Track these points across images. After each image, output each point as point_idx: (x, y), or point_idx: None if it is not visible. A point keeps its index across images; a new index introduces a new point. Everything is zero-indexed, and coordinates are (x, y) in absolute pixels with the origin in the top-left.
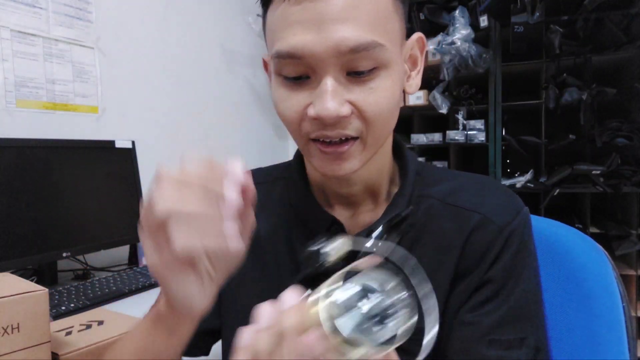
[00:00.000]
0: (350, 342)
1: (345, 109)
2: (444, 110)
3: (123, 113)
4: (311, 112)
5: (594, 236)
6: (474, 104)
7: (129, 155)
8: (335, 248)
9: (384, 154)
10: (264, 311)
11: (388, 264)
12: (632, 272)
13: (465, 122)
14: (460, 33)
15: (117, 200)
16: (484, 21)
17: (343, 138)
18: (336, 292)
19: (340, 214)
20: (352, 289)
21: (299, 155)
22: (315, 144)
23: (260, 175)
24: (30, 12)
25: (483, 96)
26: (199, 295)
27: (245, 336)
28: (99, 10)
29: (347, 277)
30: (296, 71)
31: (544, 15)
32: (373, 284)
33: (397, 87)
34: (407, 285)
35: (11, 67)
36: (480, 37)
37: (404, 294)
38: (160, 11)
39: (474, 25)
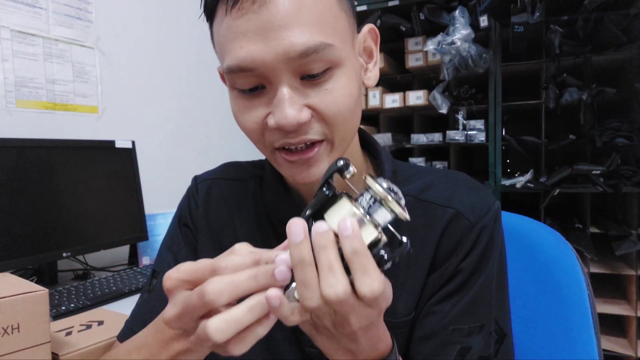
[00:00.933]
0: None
1: (305, 115)
2: (444, 110)
3: (123, 113)
4: (271, 122)
5: (594, 236)
6: (474, 104)
7: (129, 155)
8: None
9: (352, 152)
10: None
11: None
12: (632, 272)
13: (465, 122)
14: (460, 33)
15: (117, 200)
16: (484, 21)
17: (308, 143)
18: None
19: None
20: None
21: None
22: (280, 153)
23: (235, 171)
24: (30, 12)
25: (483, 96)
26: None
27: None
28: (99, 10)
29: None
30: (250, 83)
31: (544, 15)
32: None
33: (353, 84)
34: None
35: (11, 67)
36: (480, 37)
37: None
38: (160, 11)
39: (474, 25)
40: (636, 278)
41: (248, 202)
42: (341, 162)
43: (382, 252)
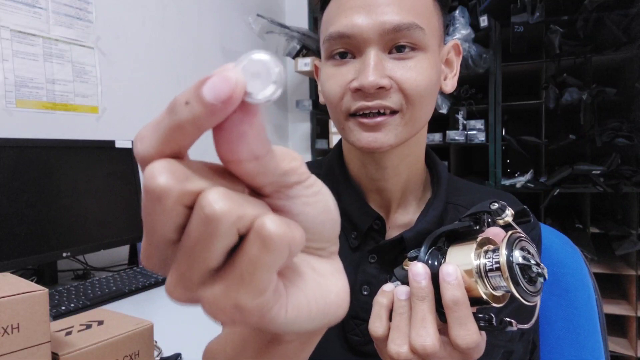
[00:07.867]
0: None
1: (385, 81)
2: (444, 110)
3: (123, 113)
4: (354, 83)
5: (594, 236)
6: (474, 104)
7: (129, 155)
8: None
9: (418, 152)
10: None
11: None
12: (632, 272)
13: (465, 122)
14: (460, 33)
15: (117, 200)
16: (484, 21)
17: (382, 110)
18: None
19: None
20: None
21: (337, 153)
22: (354, 119)
23: None
24: (30, 12)
25: (483, 96)
26: None
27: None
28: (99, 10)
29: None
30: (344, 49)
31: (544, 15)
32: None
33: (434, 72)
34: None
35: (11, 67)
36: (480, 37)
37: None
38: (160, 11)
39: (474, 25)
40: (636, 278)
41: None
42: (495, 205)
43: (481, 315)
